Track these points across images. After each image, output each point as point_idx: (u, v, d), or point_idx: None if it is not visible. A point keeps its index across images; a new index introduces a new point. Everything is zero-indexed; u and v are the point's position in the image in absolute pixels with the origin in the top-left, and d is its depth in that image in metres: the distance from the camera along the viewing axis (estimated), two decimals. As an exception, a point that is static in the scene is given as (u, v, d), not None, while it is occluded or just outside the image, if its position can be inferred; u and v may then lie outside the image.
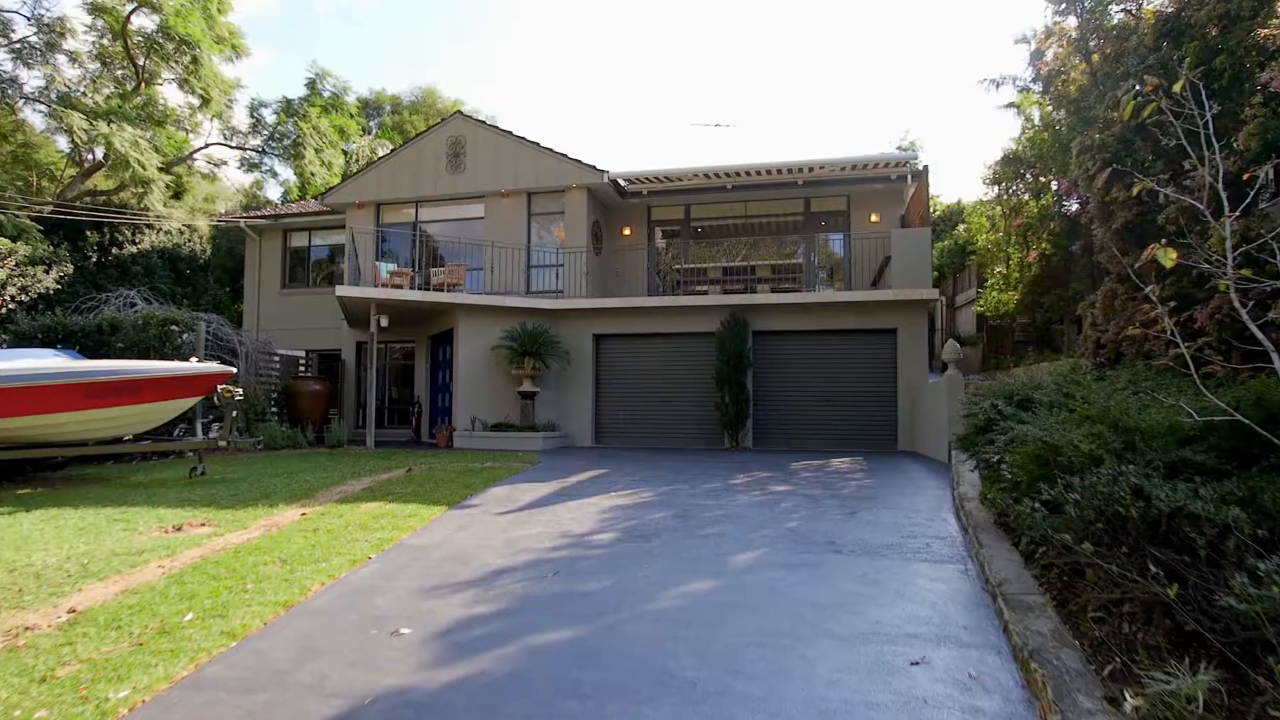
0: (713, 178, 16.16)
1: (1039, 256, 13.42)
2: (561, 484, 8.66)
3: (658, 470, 9.89)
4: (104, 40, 21.27)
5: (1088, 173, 8.10)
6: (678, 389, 14.38)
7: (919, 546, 5.47)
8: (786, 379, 13.91)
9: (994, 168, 15.26)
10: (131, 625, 4.43)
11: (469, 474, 9.39)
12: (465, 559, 5.59)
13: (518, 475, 9.40)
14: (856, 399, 13.47)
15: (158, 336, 11.64)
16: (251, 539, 6.28)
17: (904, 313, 13.23)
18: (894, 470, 9.60)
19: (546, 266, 16.23)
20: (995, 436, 5.27)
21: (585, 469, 10.04)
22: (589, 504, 7.36)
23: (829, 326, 13.68)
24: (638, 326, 14.62)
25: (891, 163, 14.73)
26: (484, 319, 14.29)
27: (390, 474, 9.55)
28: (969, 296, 19.77)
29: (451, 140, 16.85)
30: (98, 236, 18.05)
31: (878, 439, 13.20)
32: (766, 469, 9.84)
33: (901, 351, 13.23)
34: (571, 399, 14.69)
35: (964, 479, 7.35)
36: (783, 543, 5.72)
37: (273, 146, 23.00)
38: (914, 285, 12.97)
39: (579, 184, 15.92)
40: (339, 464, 10.71)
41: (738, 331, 13.44)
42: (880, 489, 7.94)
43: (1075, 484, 3.76)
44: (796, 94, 74.12)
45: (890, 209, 16.16)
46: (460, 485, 8.43)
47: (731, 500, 7.41)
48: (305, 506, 7.51)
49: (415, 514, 6.95)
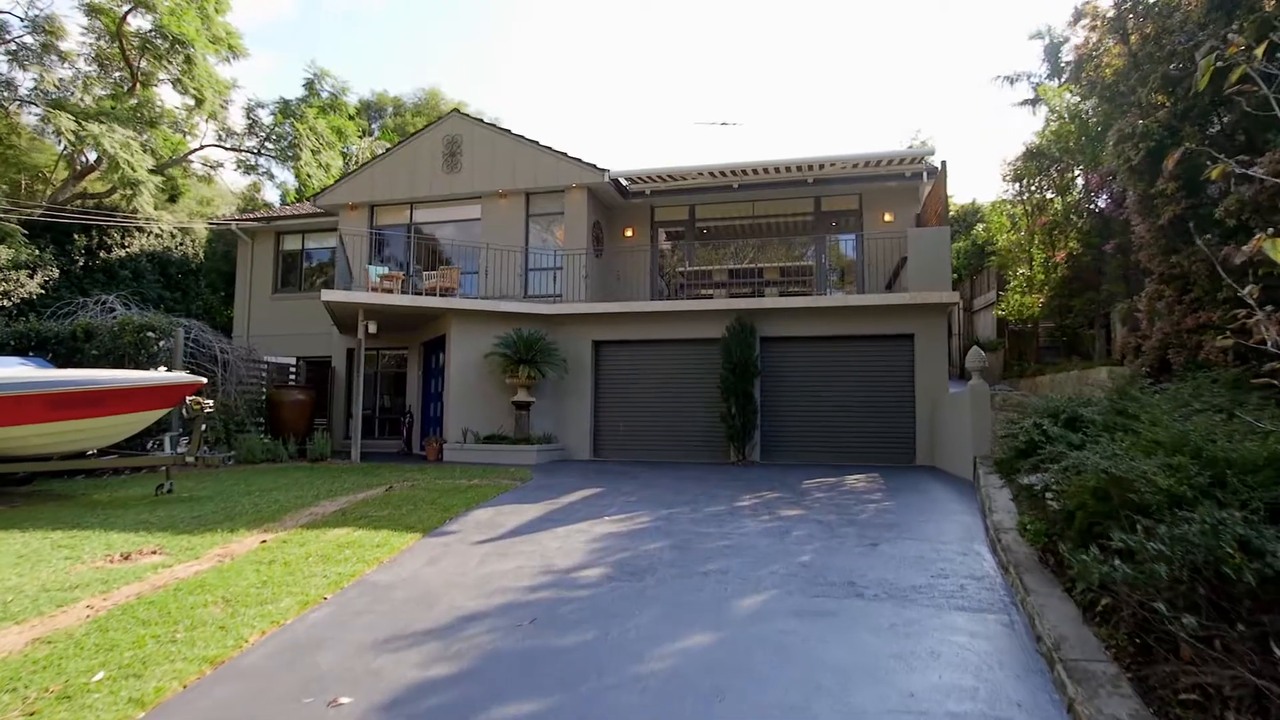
0: (718, 176, 15.46)
1: (1067, 256, 12.63)
2: (551, 506, 7.95)
3: (657, 489, 9.18)
4: (100, 42, 20.84)
5: (1128, 162, 7.35)
6: (681, 399, 13.66)
7: (953, 589, 4.73)
8: (796, 388, 13.17)
9: (1015, 164, 14.48)
10: (30, 687, 3.76)
11: (453, 493, 8.70)
12: (431, 600, 4.89)
13: (505, 495, 8.71)
14: (871, 409, 12.71)
15: (133, 344, 11.03)
16: (200, 572, 5.61)
17: (921, 317, 12.47)
18: (915, 490, 8.84)
19: (544, 270, 15.57)
20: (1044, 463, 4.52)
21: (579, 487, 9.34)
22: (579, 531, 6.65)
23: (841, 332, 12.94)
24: (639, 332, 13.92)
25: (906, 159, 13.99)
26: (477, 324, 13.63)
27: (369, 493, 8.88)
28: (988, 300, 18.95)
29: (448, 139, 16.23)
30: (85, 240, 17.52)
31: (894, 452, 12.43)
32: (775, 488, 9.10)
33: (919, 358, 12.47)
34: (569, 409, 14.00)
35: (996, 504, 6.60)
36: (795, 582, 4.99)
37: (268, 148, 22.46)
38: (932, 287, 12.21)
39: (579, 184, 15.27)
40: (317, 480, 10.05)
41: (744, 337, 12.72)
42: (902, 513, 7.19)
43: (1159, 532, 3.01)
44: (804, 95, 73.41)
45: (905, 208, 15.41)
46: (440, 507, 7.74)
47: (737, 527, 6.69)
48: (268, 532, 6.84)
49: (385, 543, 6.27)
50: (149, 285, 18.44)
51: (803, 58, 75.90)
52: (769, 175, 15.32)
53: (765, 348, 13.22)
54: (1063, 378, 12.09)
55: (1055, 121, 12.60)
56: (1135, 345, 8.42)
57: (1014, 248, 15.18)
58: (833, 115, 68.25)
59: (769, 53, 75.95)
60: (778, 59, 75.61)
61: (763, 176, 15.41)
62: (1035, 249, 14.29)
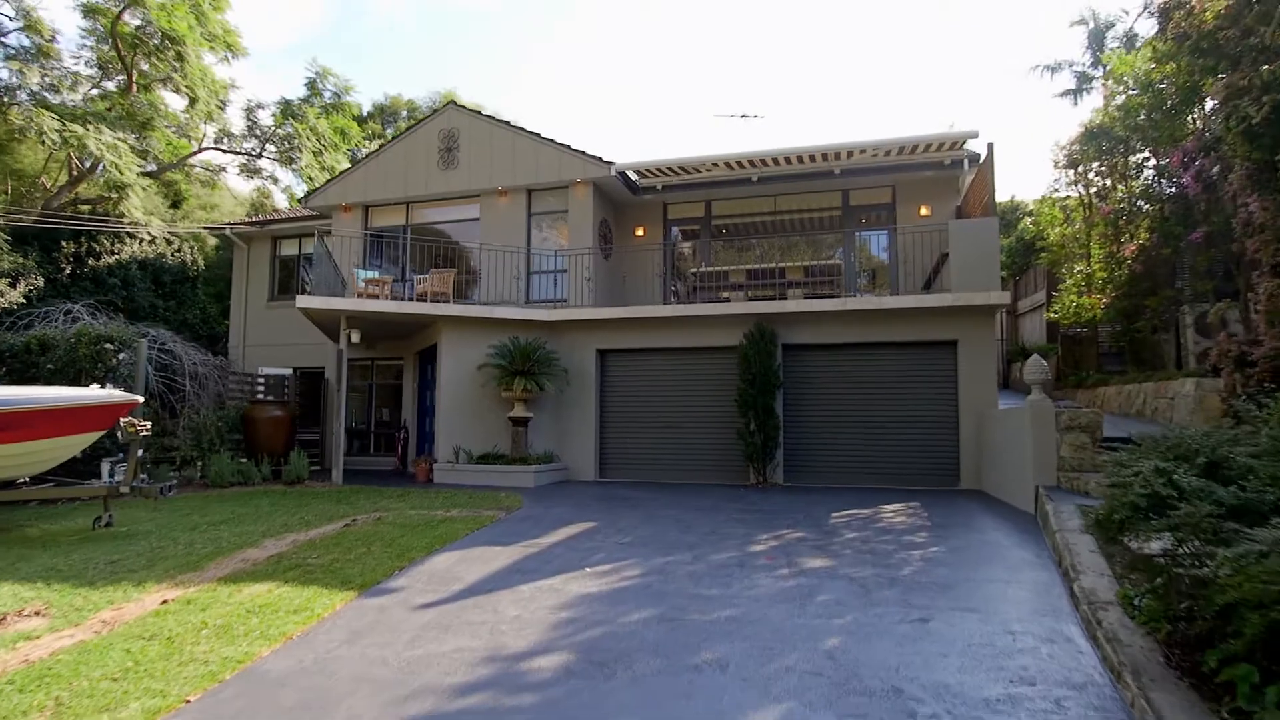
0: (736, 168, 14.13)
1: (1138, 250, 11.01)
2: (528, 549, 6.67)
3: (660, 524, 7.85)
4: (101, 45, 20.22)
5: (1243, 123, 5.86)
6: (696, 414, 12.32)
7: (1045, 708, 3.34)
8: (823, 401, 11.75)
9: (1070, 147, 12.88)
10: None
11: (421, 530, 7.48)
12: (327, 706, 3.64)
13: (482, 531, 7.46)
14: (908, 425, 11.25)
15: (89, 356, 10.04)
16: (59, 649, 4.45)
17: (966, 321, 10.99)
18: (965, 527, 7.40)
19: (548, 273, 14.36)
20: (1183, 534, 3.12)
21: (569, 521, 8.06)
22: (549, 590, 5.36)
23: (874, 338, 11.50)
24: (648, 340, 12.61)
25: (945, 143, 12.49)
26: (471, 333, 12.44)
27: (325, 529, 7.69)
28: (1036, 301, 17.28)
29: (444, 133, 15.13)
30: (73, 247, 16.75)
31: (935, 474, 10.95)
32: (798, 524, 7.72)
33: (963, 368, 10.98)
34: (572, 425, 12.73)
35: (1081, 560, 5.17)
36: (818, 689, 3.63)
37: (269, 151, 21.64)
38: (978, 287, 10.72)
39: (583, 179, 14.03)
40: (278, 510, 8.91)
41: (764, 345, 11.34)
42: (956, 566, 5.78)
43: None
44: (828, 91, 71.68)
45: (943, 200, 13.90)
46: (396, 551, 6.51)
47: (746, 587, 5.34)
48: (181, 585, 5.66)
49: (306, 606, 5.04)
50: (139, 293, 17.60)
51: (827, 53, 74.27)
52: (792, 166, 13.93)
53: (788, 356, 11.84)
54: (1133, 390, 10.52)
55: (1122, 94, 11.02)
56: (1237, 353, 6.90)
57: (1069, 242, 13.57)
58: (859, 112, 66.46)
59: (790, 50, 74.43)
60: (802, 56, 74.04)
61: (785, 168, 14.03)
62: (1095, 243, 12.69)
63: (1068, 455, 7.93)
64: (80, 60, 20.96)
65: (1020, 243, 18.70)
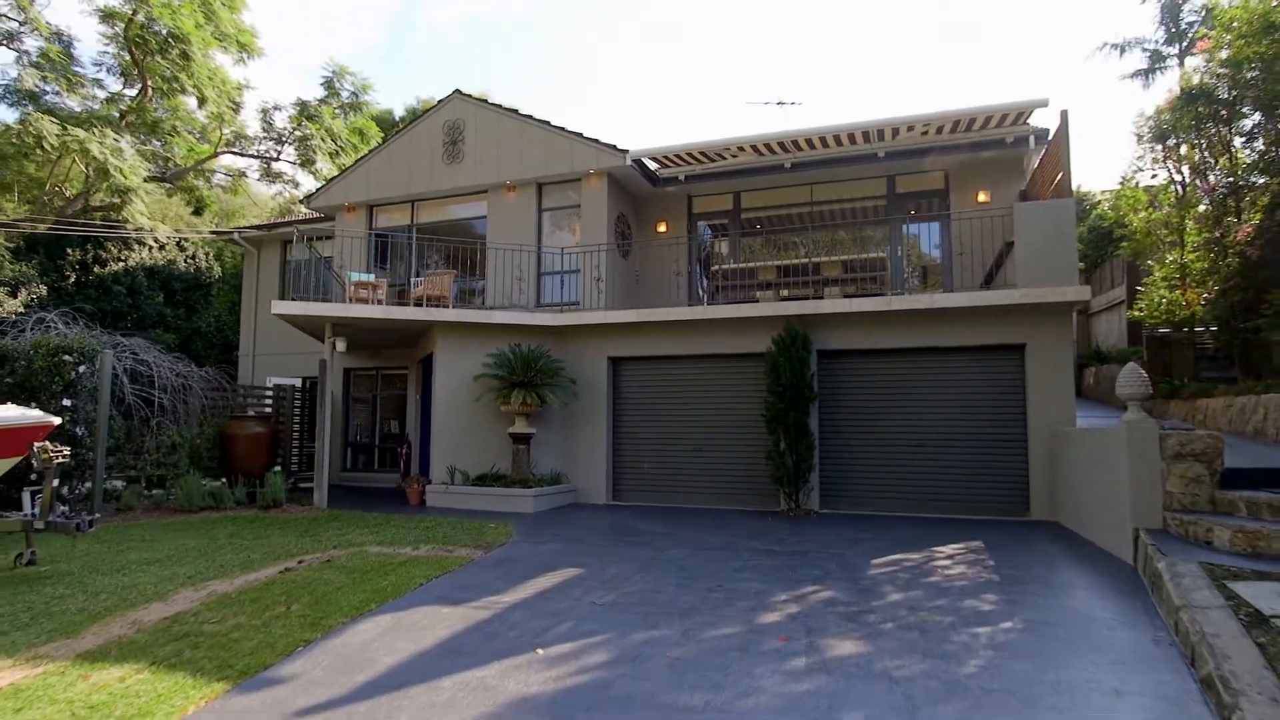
0: (766, 152, 12.65)
1: (1255, 232, 9.08)
2: (480, 611, 5.34)
3: (657, 572, 6.44)
4: (120, 51, 19.90)
5: None
6: (720, 430, 10.87)
7: None
8: (865, 416, 10.17)
9: (1159, 116, 10.96)
10: None
11: (368, 577, 6.23)
12: None
13: (438, 582, 6.17)
14: (966, 444, 9.59)
15: (45, 370, 9.17)
16: None
17: (1036, 321, 9.29)
18: (1046, 584, 5.78)
19: (558, 273, 13.09)
20: None
21: (550, 567, 6.71)
22: (478, 687, 4.01)
23: (924, 343, 9.88)
24: (666, 346, 11.21)
25: (1009, 115, 10.76)
26: (468, 339, 11.25)
27: (261, 573, 6.51)
28: (1113, 298, 15.23)
29: (448, 125, 14.04)
30: (79, 254, 16.25)
31: (999, 501, 9.28)
32: (828, 576, 6.20)
33: (1032, 376, 9.27)
34: (581, 442, 11.41)
35: (1231, 662, 3.56)
36: None
37: (281, 152, 20.97)
38: (1051, 281, 9.01)
39: (597, 169, 12.74)
40: (230, 545, 7.81)
41: (796, 351, 9.82)
42: (1038, 658, 4.21)
43: None
44: (868, 86, 69.05)
45: (1004, 185, 12.13)
46: (318, 613, 5.26)
47: (744, 693, 3.89)
48: (34, 661, 4.51)
49: (149, 711, 3.79)
50: (146, 301, 17.02)
51: (868, 44, 71.71)
52: (830, 149, 12.39)
53: (824, 364, 10.30)
54: (1247, 404, 8.62)
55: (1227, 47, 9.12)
56: None
57: (1156, 228, 11.61)
58: (904, 102, 63.77)
59: (825, 45, 72.04)
60: (835, 50, 71.57)
61: (822, 151, 12.49)
62: (1191, 229, 10.75)
63: (1177, 491, 6.23)
64: (102, 68, 20.78)
65: (1093, 233, 16.62)
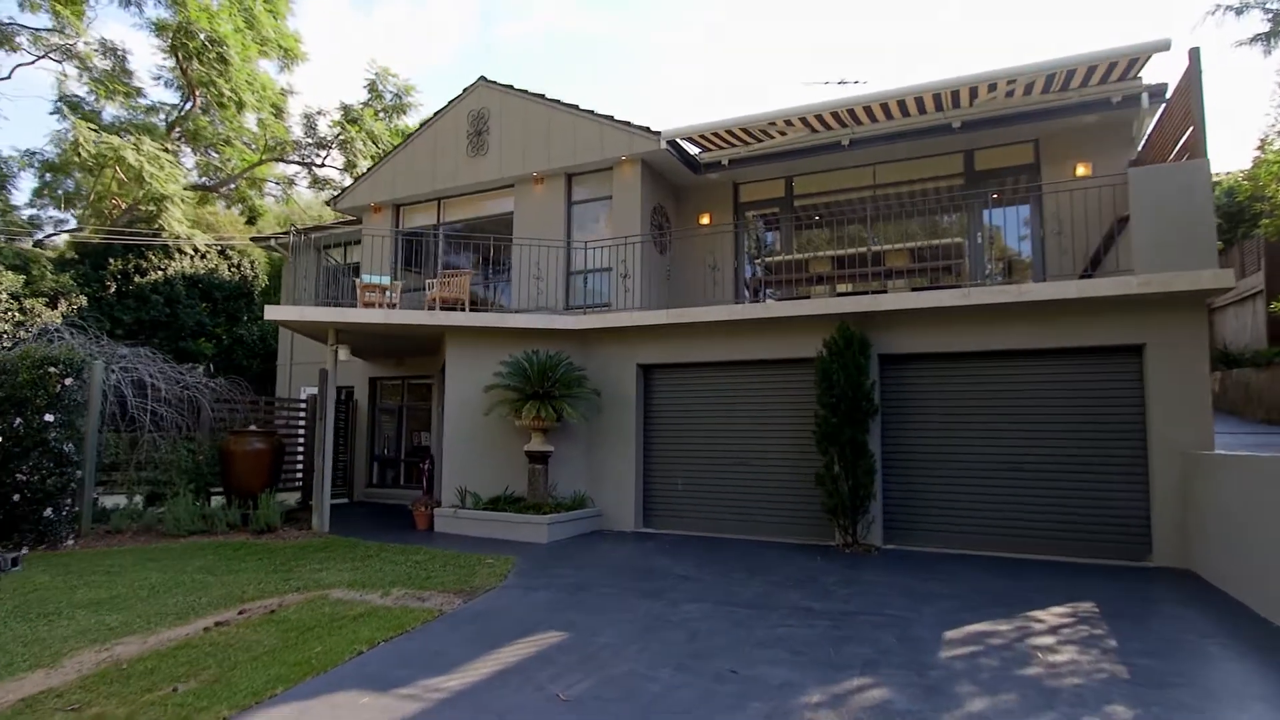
0: (820, 127, 11.10)
1: None
2: (406, 707, 4.09)
3: (657, 641, 5.07)
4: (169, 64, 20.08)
5: None
6: (765, 448, 9.37)
7: None
8: (937, 433, 8.47)
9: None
10: None
11: (306, 637, 5.11)
12: None
13: (383, 648, 4.97)
14: (1066, 468, 7.79)
15: (30, 383, 8.59)
16: None
17: (1158, 315, 7.42)
18: (1195, 687, 4.10)
19: (585, 272, 11.88)
20: None
21: (528, 629, 5.41)
22: None
23: (1011, 344, 8.11)
24: (702, 352, 9.81)
25: (1120, 64, 8.80)
26: (483, 345, 10.16)
27: (193, 625, 5.50)
28: (1248, 288, 12.82)
29: (473, 115, 13.06)
30: (120, 264, 16.18)
31: (1112, 540, 7.46)
32: (883, 655, 4.68)
33: (1154, 385, 7.39)
34: (608, 461, 10.13)
35: None
36: None
37: (331, 158, 20.71)
38: (1180, 265, 7.13)
39: (629, 155, 11.47)
40: (198, 581, 6.88)
41: (851, 357, 8.24)
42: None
43: None
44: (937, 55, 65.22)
45: (1110, 155, 10.12)
46: (198, 705, 4.14)
47: None
48: None
49: None
50: (184, 310, 16.83)
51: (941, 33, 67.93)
52: (895, 121, 10.73)
53: (887, 371, 8.68)
54: None
55: None
56: None
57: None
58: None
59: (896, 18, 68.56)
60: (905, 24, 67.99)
61: (886, 124, 10.83)
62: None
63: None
64: (160, 82, 21.03)
65: (1219, 212, 14.20)
